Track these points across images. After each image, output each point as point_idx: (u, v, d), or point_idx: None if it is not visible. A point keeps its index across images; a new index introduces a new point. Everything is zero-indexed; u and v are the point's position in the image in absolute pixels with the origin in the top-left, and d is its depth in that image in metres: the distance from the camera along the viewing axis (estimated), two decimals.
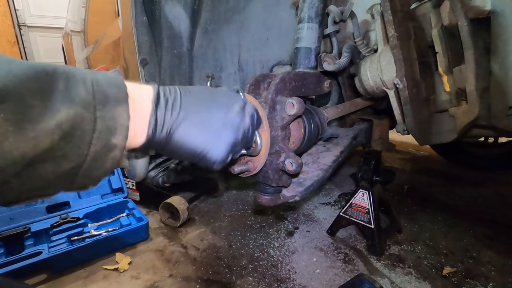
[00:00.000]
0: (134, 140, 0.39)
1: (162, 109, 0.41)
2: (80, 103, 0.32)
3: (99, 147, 0.34)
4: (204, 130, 0.44)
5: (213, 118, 0.45)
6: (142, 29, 1.18)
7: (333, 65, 0.89)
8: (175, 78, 1.31)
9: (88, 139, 0.33)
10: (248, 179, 0.79)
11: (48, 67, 0.32)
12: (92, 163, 0.34)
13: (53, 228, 1.22)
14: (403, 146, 2.73)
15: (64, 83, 0.32)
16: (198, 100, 0.45)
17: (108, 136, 0.34)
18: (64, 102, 0.31)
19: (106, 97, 0.34)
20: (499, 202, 1.62)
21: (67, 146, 0.31)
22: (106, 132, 0.34)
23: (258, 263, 1.12)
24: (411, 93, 0.81)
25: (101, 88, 0.34)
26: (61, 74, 0.32)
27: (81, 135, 0.32)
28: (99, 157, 0.34)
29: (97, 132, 0.33)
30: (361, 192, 1.16)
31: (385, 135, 1.21)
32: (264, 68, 1.40)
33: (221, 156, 0.47)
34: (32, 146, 0.29)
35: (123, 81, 0.38)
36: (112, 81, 0.36)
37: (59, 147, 0.31)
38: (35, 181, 0.31)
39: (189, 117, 0.43)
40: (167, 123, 0.41)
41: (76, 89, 0.32)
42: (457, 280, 1.02)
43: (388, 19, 0.78)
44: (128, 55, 1.31)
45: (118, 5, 1.35)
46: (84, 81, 0.33)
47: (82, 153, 0.33)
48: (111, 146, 0.35)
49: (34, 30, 5.07)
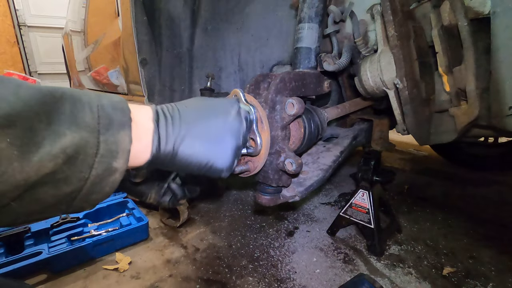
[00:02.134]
0: (136, 160, 0.39)
1: (163, 126, 0.41)
2: (86, 127, 0.32)
3: (100, 170, 0.34)
4: (207, 141, 0.45)
5: (213, 128, 0.46)
6: (142, 29, 1.18)
7: (333, 65, 0.89)
8: (175, 78, 1.31)
9: (90, 162, 0.33)
10: (248, 179, 0.79)
11: (56, 92, 0.32)
12: (92, 187, 0.34)
13: (53, 228, 1.22)
14: (403, 146, 2.73)
15: (70, 107, 0.32)
16: (196, 112, 0.46)
17: (109, 160, 0.34)
18: (70, 126, 0.31)
19: (110, 121, 0.35)
20: (499, 202, 1.62)
21: (69, 169, 0.31)
22: (108, 156, 0.34)
23: (258, 263, 1.12)
24: (411, 93, 0.81)
25: (106, 113, 0.35)
26: (68, 98, 0.32)
27: (83, 159, 0.32)
28: (99, 181, 0.34)
29: (99, 156, 0.33)
30: (361, 192, 1.16)
31: (385, 135, 1.21)
32: (264, 68, 1.40)
33: (228, 163, 0.47)
34: (35, 170, 0.29)
35: (127, 104, 0.38)
36: (117, 105, 0.37)
37: (61, 171, 0.31)
38: (34, 204, 0.31)
39: (191, 130, 0.43)
40: (170, 138, 0.41)
41: (82, 114, 0.32)
42: (457, 280, 1.02)
43: (388, 19, 0.78)
44: (128, 55, 1.31)
45: (118, 5, 1.35)
46: (90, 106, 0.34)
47: (83, 177, 0.33)
48: (112, 170, 0.35)
49: (34, 30, 5.07)
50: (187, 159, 0.43)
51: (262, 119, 0.61)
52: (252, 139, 0.60)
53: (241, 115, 0.50)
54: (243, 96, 0.58)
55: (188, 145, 0.43)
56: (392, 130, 1.22)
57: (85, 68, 2.45)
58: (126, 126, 0.36)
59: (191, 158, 0.43)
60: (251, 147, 0.60)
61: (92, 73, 2.24)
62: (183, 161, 0.43)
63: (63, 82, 5.16)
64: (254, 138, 0.60)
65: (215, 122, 0.46)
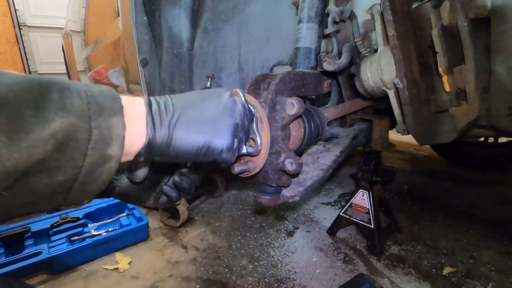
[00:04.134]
0: (132, 147, 0.39)
1: (156, 110, 0.41)
2: (75, 113, 0.32)
3: (94, 158, 0.33)
4: (202, 121, 0.44)
5: (207, 109, 0.45)
6: (142, 29, 1.18)
7: (333, 65, 0.89)
8: (175, 78, 1.31)
9: (83, 149, 0.32)
10: (248, 179, 0.79)
11: (42, 79, 0.31)
12: (87, 175, 0.33)
13: (53, 228, 1.22)
14: (403, 146, 2.73)
15: (58, 94, 0.32)
16: (188, 98, 0.46)
17: (103, 147, 0.34)
18: (58, 112, 0.30)
19: (100, 108, 0.34)
20: (499, 202, 1.62)
21: (62, 157, 0.31)
22: (101, 142, 0.34)
23: (258, 263, 1.12)
24: (411, 93, 0.81)
25: (95, 99, 0.34)
26: (55, 85, 0.32)
27: (75, 145, 0.32)
28: (94, 170, 0.34)
29: (92, 143, 0.33)
30: (361, 192, 1.16)
31: (385, 135, 1.21)
32: (264, 68, 1.40)
33: (227, 142, 0.46)
34: (25, 156, 0.28)
35: (117, 93, 0.38)
36: (107, 93, 0.36)
37: (53, 158, 0.30)
38: (27, 195, 0.31)
39: (185, 114, 0.43)
40: (164, 121, 0.41)
41: (71, 100, 0.32)
42: (457, 280, 1.02)
43: (388, 19, 0.78)
44: (128, 55, 1.30)
45: (118, 5, 1.35)
46: (79, 92, 0.33)
47: (77, 165, 0.32)
48: (106, 157, 0.34)
49: (34, 30, 5.07)
50: (184, 142, 0.42)
51: (262, 119, 0.61)
52: (252, 139, 0.60)
53: (234, 97, 0.50)
54: (243, 96, 0.58)
55: (183, 127, 0.42)
56: (392, 130, 1.22)
57: (85, 68, 2.45)
58: (117, 112, 0.36)
59: (188, 141, 0.43)
60: (251, 146, 0.60)
61: (92, 73, 2.24)
62: (179, 145, 0.42)
63: None
64: (254, 137, 0.60)
65: (208, 104, 0.46)
